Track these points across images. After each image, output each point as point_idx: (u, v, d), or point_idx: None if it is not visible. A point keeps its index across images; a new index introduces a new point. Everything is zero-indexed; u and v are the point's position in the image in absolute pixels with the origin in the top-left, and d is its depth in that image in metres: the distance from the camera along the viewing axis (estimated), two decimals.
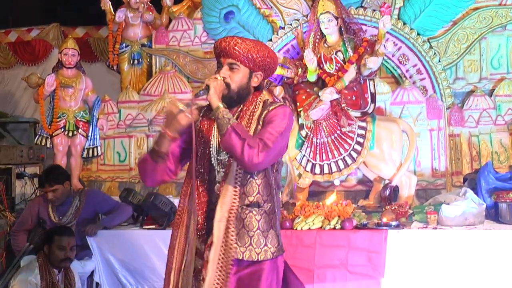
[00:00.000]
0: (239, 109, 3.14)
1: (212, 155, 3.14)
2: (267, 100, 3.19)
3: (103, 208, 5.48)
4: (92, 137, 6.48)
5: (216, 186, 3.10)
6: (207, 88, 3.01)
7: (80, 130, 6.42)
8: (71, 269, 4.73)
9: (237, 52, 3.08)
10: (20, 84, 8.39)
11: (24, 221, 5.33)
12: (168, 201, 5.25)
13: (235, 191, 3.04)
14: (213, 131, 3.16)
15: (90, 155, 6.48)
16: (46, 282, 4.51)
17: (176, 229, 3.14)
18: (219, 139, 3.05)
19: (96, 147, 6.50)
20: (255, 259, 3.02)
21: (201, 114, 3.23)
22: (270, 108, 3.12)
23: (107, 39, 7.32)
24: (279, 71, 5.90)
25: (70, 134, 6.39)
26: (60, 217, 5.27)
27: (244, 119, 3.10)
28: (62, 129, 6.38)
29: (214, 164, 3.13)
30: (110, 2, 7.02)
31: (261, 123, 3.09)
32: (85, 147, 6.46)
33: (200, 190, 3.13)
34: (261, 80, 3.20)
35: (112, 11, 7.04)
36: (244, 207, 3.04)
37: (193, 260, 3.05)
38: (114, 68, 7.23)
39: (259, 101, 3.16)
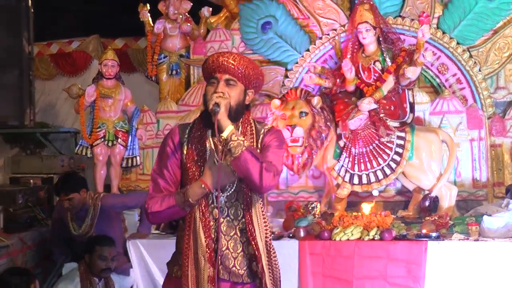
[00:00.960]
0: (238, 129, 3.10)
1: None
2: (257, 121, 3.24)
3: (125, 210, 5.48)
4: (131, 147, 6.56)
5: (214, 211, 3.07)
6: (217, 106, 2.96)
7: (119, 140, 6.50)
8: (111, 278, 4.79)
9: (236, 68, 3.06)
10: (60, 94, 8.55)
11: (56, 233, 5.44)
12: None
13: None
14: (207, 152, 3.10)
15: (129, 164, 6.55)
16: None
17: (185, 259, 3.07)
18: (229, 161, 2.99)
19: (135, 156, 6.57)
20: None
21: (187, 133, 3.17)
22: (265, 131, 3.15)
23: (146, 50, 7.41)
24: (316, 81, 5.91)
25: (110, 144, 6.47)
26: (79, 229, 5.29)
27: (247, 140, 3.08)
28: (102, 139, 6.46)
29: None
30: (149, 14, 7.12)
31: (259, 145, 3.12)
32: (124, 156, 6.53)
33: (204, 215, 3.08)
34: (250, 99, 3.17)
35: (151, 22, 7.12)
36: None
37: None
38: (153, 78, 7.31)
39: (251, 121, 3.18)
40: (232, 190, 3.11)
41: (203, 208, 3.06)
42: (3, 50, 6.24)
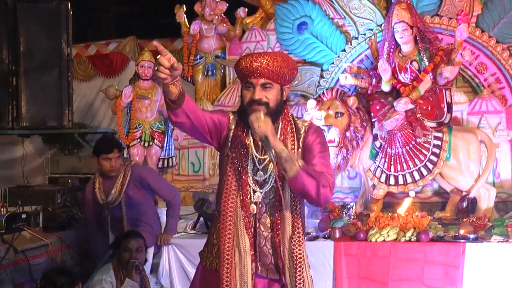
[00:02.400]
0: (278, 126, 3.14)
1: (249, 174, 3.13)
2: (295, 116, 3.25)
3: (149, 187, 5.35)
4: (167, 147, 6.64)
5: (251, 207, 3.12)
6: (265, 138, 2.93)
7: (155, 140, 6.59)
8: (145, 272, 4.87)
9: (270, 72, 3.06)
10: (98, 95, 8.70)
11: (88, 207, 5.47)
12: None
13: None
14: (250, 147, 3.14)
15: (165, 165, 6.64)
16: (121, 284, 4.67)
17: (226, 252, 3.09)
18: (281, 174, 3.02)
19: (171, 157, 6.66)
20: None
21: (234, 124, 3.20)
22: (306, 129, 3.16)
23: (182, 51, 7.48)
24: (352, 81, 5.92)
25: (146, 144, 6.56)
26: (106, 197, 5.24)
27: (288, 137, 3.12)
28: (139, 140, 6.56)
29: (250, 183, 3.13)
30: (185, 15, 7.20)
31: (300, 143, 3.13)
32: (160, 157, 6.62)
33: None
34: (287, 94, 3.20)
35: (187, 23, 7.20)
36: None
37: None
38: (189, 79, 7.38)
39: (290, 117, 3.20)
40: (269, 186, 3.13)
41: (242, 202, 3.11)
42: (44, 52, 6.38)
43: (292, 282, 3.10)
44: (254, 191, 3.12)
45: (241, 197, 3.11)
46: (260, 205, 3.13)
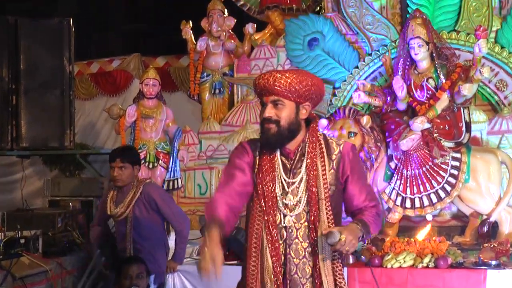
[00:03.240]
0: (302, 146, 3.14)
1: (278, 197, 3.12)
2: (320, 132, 3.21)
3: (160, 210, 5.23)
4: (172, 169, 6.61)
5: (282, 231, 3.10)
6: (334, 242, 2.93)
7: (160, 161, 6.58)
8: None
9: (278, 88, 3.06)
10: (101, 115, 8.74)
11: (98, 213, 5.41)
12: None
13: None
14: (278, 170, 3.14)
15: (171, 187, 6.59)
16: None
17: (252, 283, 3.10)
18: (315, 197, 3.08)
19: (177, 179, 6.63)
20: None
21: (257, 151, 3.20)
22: (342, 149, 3.15)
23: (188, 68, 7.52)
24: (366, 99, 5.91)
25: (151, 166, 6.55)
26: (115, 208, 5.14)
27: (317, 159, 3.10)
28: (143, 161, 6.53)
29: (280, 207, 3.12)
30: (191, 31, 7.23)
31: (334, 164, 3.12)
32: (166, 179, 6.59)
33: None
34: (310, 110, 3.17)
35: (194, 40, 7.23)
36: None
37: None
38: (195, 97, 7.40)
39: (319, 135, 3.17)
40: (300, 209, 3.11)
41: (271, 228, 3.09)
42: (45, 70, 6.43)
43: None
44: (285, 215, 3.11)
45: (268, 221, 3.10)
46: (291, 230, 3.11)
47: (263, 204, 3.10)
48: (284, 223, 3.10)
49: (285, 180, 3.12)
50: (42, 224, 5.82)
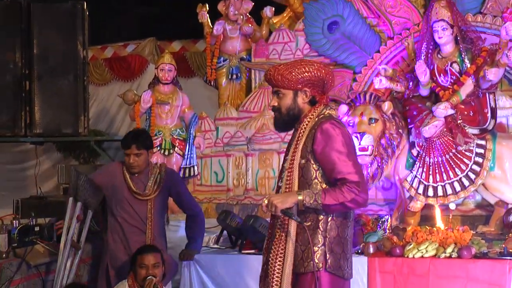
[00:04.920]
0: (298, 129, 3.53)
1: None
2: (322, 114, 3.51)
3: (178, 195, 5.25)
4: (188, 156, 6.65)
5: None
6: (286, 211, 3.35)
7: (176, 148, 6.61)
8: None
9: (274, 80, 3.54)
10: (115, 100, 8.77)
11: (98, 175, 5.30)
12: (268, 224, 5.30)
13: None
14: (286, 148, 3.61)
15: (187, 175, 6.64)
16: None
17: None
18: None
19: (193, 166, 6.67)
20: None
21: None
22: (317, 126, 3.43)
23: (205, 53, 7.53)
24: (387, 85, 5.88)
25: (166, 153, 6.59)
26: (141, 189, 5.07)
27: (298, 136, 3.50)
28: (158, 148, 6.57)
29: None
30: (208, 15, 7.22)
31: (311, 139, 3.43)
32: (182, 166, 6.63)
33: None
34: (313, 95, 3.54)
35: (210, 24, 7.23)
36: None
37: None
38: (212, 83, 7.40)
39: (312, 115, 3.52)
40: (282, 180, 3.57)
41: None
42: (59, 55, 6.47)
43: None
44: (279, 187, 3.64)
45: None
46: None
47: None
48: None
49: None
50: (56, 212, 5.86)
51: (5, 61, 6.41)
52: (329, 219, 3.43)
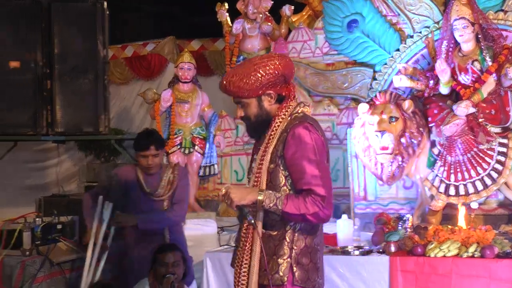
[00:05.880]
0: (269, 129, 3.30)
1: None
2: (296, 112, 3.30)
3: (179, 191, 5.18)
4: (208, 154, 6.66)
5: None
6: (241, 208, 3.20)
7: (196, 147, 6.62)
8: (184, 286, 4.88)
9: (230, 93, 3.33)
10: (135, 99, 8.81)
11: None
12: None
13: None
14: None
15: (207, 173, 6.65)
16: None
17: None
18: None
19: (213, 165, 6.67)
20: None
21: None
22: (289, 129, 3.22)
23: (224, 52, 7.52)
24: (408, 83, 5.84)
25: (187, 151, 6.60)
26: (153, 189, 5.07)
27: (269, 148, 3.25)
28: (178, 146, 6.59)
29: None
30: (227, 14, 7.22)
31: (282, 142, 3.22)
32: (202, 165, 6.64)
33: None
34: (278, 93, 3.29)
35: (229, 22, 7.22)
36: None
37: None
38: None
39: (284, 115, 3.29)
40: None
41: None
42: (79, 54, 6.48)
43: None
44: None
45: None
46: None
47: None
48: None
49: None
50: (78, 211, 5.88)
51: (26, 61, 6.44)
52: (297, 228, 3.24)
